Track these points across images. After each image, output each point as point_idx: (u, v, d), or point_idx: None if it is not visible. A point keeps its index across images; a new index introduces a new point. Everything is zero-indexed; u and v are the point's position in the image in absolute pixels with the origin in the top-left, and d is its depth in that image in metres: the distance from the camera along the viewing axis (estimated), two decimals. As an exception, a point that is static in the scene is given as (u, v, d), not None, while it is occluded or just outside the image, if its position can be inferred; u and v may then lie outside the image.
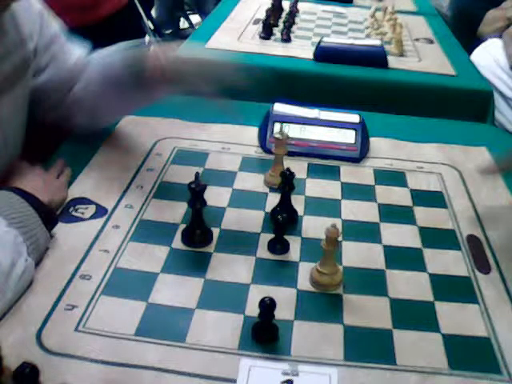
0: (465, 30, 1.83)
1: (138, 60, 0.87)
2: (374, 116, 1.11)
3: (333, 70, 1.36)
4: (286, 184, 0.80)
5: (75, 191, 0.85)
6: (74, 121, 0.95)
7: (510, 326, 0.67)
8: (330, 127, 1.01)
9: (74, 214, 0.81)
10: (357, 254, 0.77)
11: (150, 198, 0.86)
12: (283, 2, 1.76)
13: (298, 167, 0.94)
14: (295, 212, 0.83)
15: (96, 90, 0.92)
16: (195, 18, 3.70)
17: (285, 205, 0.82)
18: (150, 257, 0.74)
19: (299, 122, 1.01)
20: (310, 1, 1.92)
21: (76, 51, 0.96)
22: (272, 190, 0.89)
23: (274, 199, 0.86)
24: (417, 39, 1.62)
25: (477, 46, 1.67)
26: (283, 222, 0.76)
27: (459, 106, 1.30)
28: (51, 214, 0.75)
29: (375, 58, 1.39)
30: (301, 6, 1.82)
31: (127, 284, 0.69)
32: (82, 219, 0.80)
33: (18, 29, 0.82)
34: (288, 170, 0.80)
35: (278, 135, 0.87)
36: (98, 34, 1.03)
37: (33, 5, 0.87)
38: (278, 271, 0.74)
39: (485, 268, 0.76)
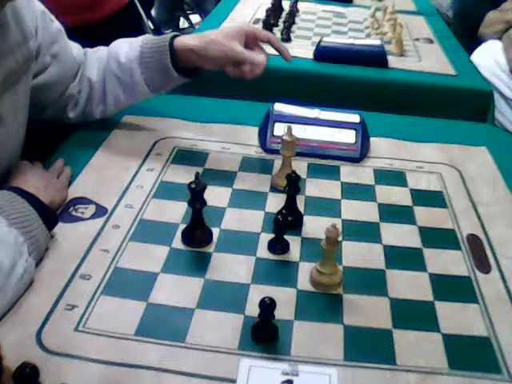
0: (465, 31, 1.83)
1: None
2: (374, 116, 1.11)
3: (333, 70, 1.36)
4: (292, 187, 0.80)
5: (75, 191, 0.85)
6: (68, 115, 0.99)
7: (510, 325, 0.67)
8: (331, 127, 1.01)
9: (73, 213, 0.81)
10: (357, 254, 0.77)
11: (149, 197, 0.86)
12: (283, 2, 1.76)
13: (298, 167, 0.93)
14: (300, 215, 0.83)
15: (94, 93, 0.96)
16: (195, 18, 3.69)
17: (290, 208, 0.82)
18: (150, 257, 0.74)
19: (299, 122, 1.01)
20: (309, 1, 1.92)
21: (74, 50, 0.97)
22: (272, 190, 0.89)
23: (274, 199, 0.86)
24: (417, 39, 1.62)
25: (477, 46, 1.67)
26: (283, 222, 0.76)
27: (459, 106, 1.30)
28: (52, 214, 0.75)
29: (375, 57, 1.39)
30: (301, 5, 1.82)
31: (127, 284, 0.69)
32: (82, 219, 0.80)
33: (21, 26, 0.82)
34: (294, 172, 0.80)
35: (286, 137, 0.85)
36: (98, 34, 1.03)
37: (34, 3, 0.88)
38: (278, 271, 0.74)
39: (485, 268, 0.76)
